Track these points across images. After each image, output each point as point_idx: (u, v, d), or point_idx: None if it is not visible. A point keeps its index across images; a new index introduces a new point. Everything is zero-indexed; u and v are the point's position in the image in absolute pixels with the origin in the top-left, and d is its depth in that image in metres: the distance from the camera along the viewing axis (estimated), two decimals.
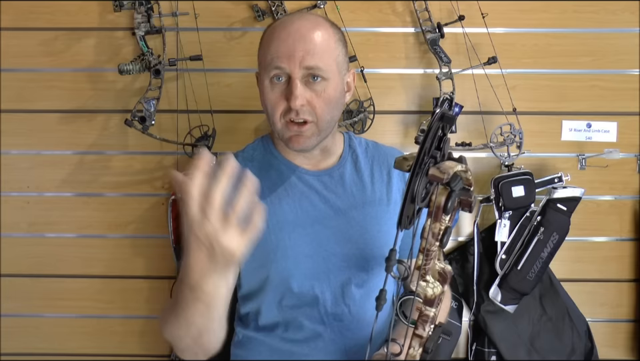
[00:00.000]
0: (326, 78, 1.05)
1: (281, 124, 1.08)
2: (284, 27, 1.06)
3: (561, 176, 1.54)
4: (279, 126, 1.08)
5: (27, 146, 1.65)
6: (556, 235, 1.51)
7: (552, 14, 1.60)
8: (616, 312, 1.67)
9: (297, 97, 1.03)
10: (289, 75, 1.04)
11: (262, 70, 1.09)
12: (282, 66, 1.03)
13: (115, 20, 1.60)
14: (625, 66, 1.61)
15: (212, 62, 1.58)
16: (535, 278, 1.51)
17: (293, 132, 1.07)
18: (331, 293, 1.10)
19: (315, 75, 1.04)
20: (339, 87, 1.09)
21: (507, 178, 1.51)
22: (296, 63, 1.02)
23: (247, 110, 1.61)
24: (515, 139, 1.52)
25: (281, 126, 1.08)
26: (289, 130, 1.07)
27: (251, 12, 1.58)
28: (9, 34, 1.62)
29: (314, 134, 1.07)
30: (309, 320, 1.10)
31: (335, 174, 1.16)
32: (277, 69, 1.04)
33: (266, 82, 1.07)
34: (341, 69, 1.09)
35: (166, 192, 1.64)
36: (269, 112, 1.09)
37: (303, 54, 1.02)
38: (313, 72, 1.04)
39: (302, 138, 1.07)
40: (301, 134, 1.06)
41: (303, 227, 1.10)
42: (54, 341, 1.69)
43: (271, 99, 1.07)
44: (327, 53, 1.05)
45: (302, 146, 1.08)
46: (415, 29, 1.60)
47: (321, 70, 1.04)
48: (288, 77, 1.04)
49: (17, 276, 1.68)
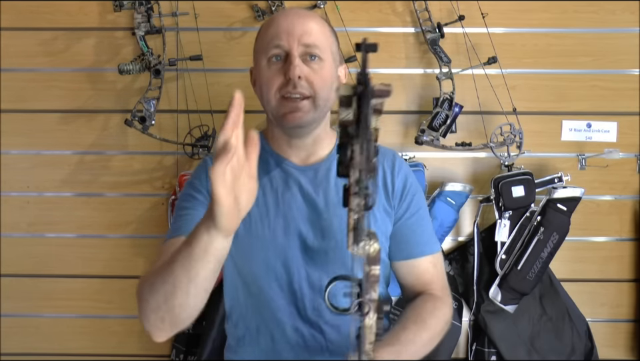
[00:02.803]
0: (322, 58, 1.06)
1: (275, 100, 1.06)
2: (281, 14, 1.09)
3: (561, 176, 1.54)
4: (274, 102, 1.06)
5: (27, 146, 1.65)
6: (556, 235, 1.51)
7: (552, 14, 1.60)
8: (616, 312, 1.67)
9: (296, 66, 1.02)
10: (287, 52, 1.04)
11: (259, 56, 1.08)
12: (281, 43, 1.04)
13: (115, 20, 1.60)
14: (625, 66, 1.61)
15: (212, 62, 1.58)
16: (535, 278, 1.51)
17: (288, 109, 1.04)
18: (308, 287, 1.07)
19: (312, 54, 1.05)
20: (333, 73, 1.09)
21: (506, 178, 1.51)
22: (294, 39, 1.03)
23: (246, 110, 1.59)
24: (514, 139, 1.52)
25: (276, 103, 1.06)
26: (285, 105, 1.05)
27: (251, 12, 1.58)
28: (9, 34, 1.62)
29: (310, 110, 1.05)
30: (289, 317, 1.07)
31: (322, 169, 1.12)
32: (275, 48, 1.04)
33: (263, 63, 1.07)
34: (334, 58, 1.10)
35: (166, 192, 1.64)
36: (264, 91, 1.07)
37: (302, 33, 1.04)
38: (311, 51, 1.04)
39: (298, 113, 1.04)
40: (298, 110, 1.04)
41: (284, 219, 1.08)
42: (54, 341, 1.69)
43: (267, 77, 1.06)
44: (324, 37, 1.07)
45: (298, 121, 1.05)
46: (415, 29, 1.60)
47: (319, 49, 1.05)
48: (286, 55, 1.04)
49: (17, 276, 1.68)
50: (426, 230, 1.16)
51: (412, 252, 1.13)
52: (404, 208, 1.13)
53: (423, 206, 1.17)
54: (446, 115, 1.53)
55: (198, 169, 1.15)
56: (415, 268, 1.13)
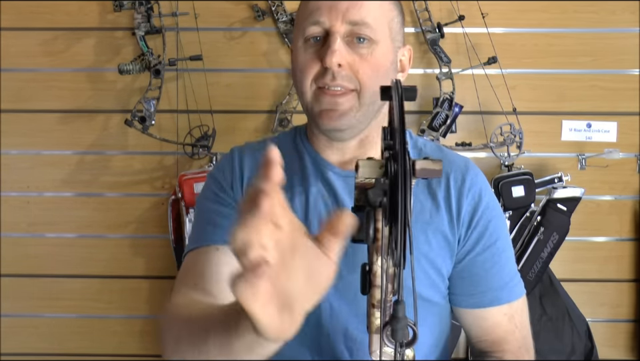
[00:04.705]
0: (375, 40, 0.83)
1: (311, 93, 0.84)
2: None
3: (561, 176, 1.54)
4: (309, 95, 0.84)
5: (27, 146, 1.65)
6: (556, 235, 1.51)
7: (552, 14, 1.60)
8: (616, 312, 1.67)
9: (335, 51, 0.79)
10: (328, 31, 0.82)
11: (297, 34, 0.87)
12: (321, 20, 0.82)
13: (115, 20, 1.60)
14: (624, 66, 1.61)
15: (212, 62, 1.58)
16: (535, 278, 1.51)
17: (325, 105, 0.83)
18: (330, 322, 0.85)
19: (360, 36, 0.82)
20: (390, 57, 0.86)
21: (507, 178, 1.51)
22: (338, 15, 0.81)
23: (247, 110, 1.61)
24: (514, 139, 1.52)
25: (311, 96, 0.84)
26: (321, 101, 0.83)
27: (251, 12, 1.58)
28: (9, 34, 1.62)
29: (353, 108, 0.83)
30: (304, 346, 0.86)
31: None
32: (314, 25, 0.82)
33: (299, 43, 0.85)
34: (394, 38, 0.87)
35: (166, 192, 1.64)
36: (297, 79, 0.86)
37: (348, 6, 0.81)
38: (358, 31, 0.81)
39: (336, 113, 0.82)
40: (336, 108, 0.82)
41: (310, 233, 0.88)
42: (54, 341, 1.69)
43: (303, 62, 0.84)
44: (379, 11, 0.84)
45: (335, 124, 0.83)
46: (415, 29, 1.60)
47: (370, 28, 0.82)
48: (326, 35, 0.82)
49: (17, 276, 1.68)
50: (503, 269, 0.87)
51: (481, 300, 0.86)
52: (474, 240, 0.86)
53: (502, 236, 0.89)
54: (446, 115, 1.53)
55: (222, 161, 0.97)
56: (483, 321, 0.87)
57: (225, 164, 0.95)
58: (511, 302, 0.87)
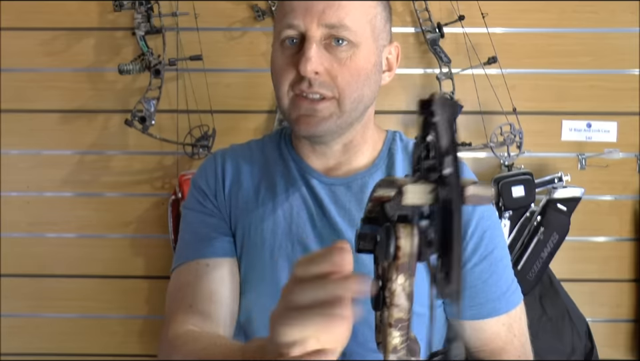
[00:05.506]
0: (355, 43, 0.78)
1: (288, 100, 0.81)
2: None
3: (561, 176, 1.54)
4: (286, 102, 0.81)
5: (27, 146, 1.65)
6: (556, 235, 1.51)
7: (551, 14, 1.60)
8: (616, 312, 1.67)
9: (309, 59, 0.75)
10: (304, 35, 0.77)
11: (275, 35, 0.84)
12: (295, 23, 0.77)
13: (115, 20, 1.60)
14: (624, 66, 1.61)
15: (212, 62, 1.58)
16: (535, 278, 1.51)
17: (303, 111, 0.79)
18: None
19: (338, 38, 0.77)
20: (372, 59, 0.81)
21: (506, 178, 1.51)
22: (313, 18, 0.76)
23: (247, 110, 1.61)
24: (514, 139, 1.52)
25: (288, 103, 0.81)
26: (298, 107, 0.79)
27: (250, 12, 1.58)
28: (9, 34, 1.62)
29: (333, 115, 0.79)
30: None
31: (355, 185, 0.86)
32: (289, 28, 0.78)
33: (276, 45, 0.82)
34: (378, 37, 0.82)
35: (166, 192, 1.64)
36: (274, 83, 0.82)
37: (324, 8, 0.76)
38: (336, 33, 0.77)
39: (315, 119, 0.79)
40: (314, 114, 0.78)
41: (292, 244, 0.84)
42: (54, 341, 1.69)
43: (278, 65, 0.81)
44: (359, 10, 0.78)
45: (313, 130, 0.80)
46: (415, 29, 1.60)
47: (348, 31, 0.77)
48: (302, 38, 0.78)
49: (17, 276, 1.68)
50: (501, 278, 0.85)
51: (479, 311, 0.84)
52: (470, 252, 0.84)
53: (499, 244, 0.86)
54: None
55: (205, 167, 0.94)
56: (481, 333, 0.85)
57: (208, 170, 0.93)
58: (509, 312, 0.86)
